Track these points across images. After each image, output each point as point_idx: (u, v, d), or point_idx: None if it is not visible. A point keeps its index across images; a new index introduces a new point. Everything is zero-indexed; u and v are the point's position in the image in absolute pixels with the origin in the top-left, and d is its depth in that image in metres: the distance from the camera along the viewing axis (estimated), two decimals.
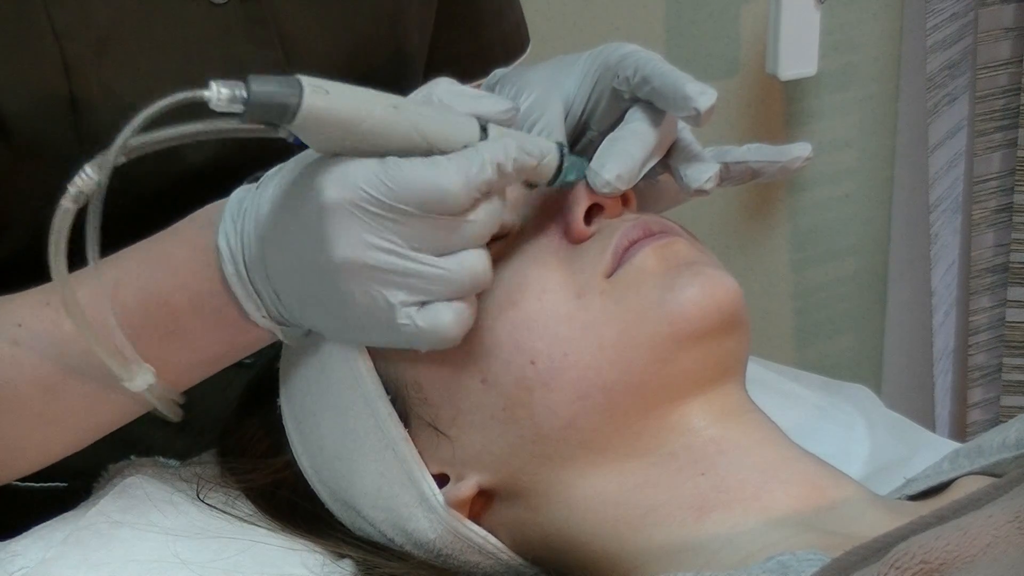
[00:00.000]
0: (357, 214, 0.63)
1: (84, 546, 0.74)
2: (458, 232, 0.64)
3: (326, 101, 0.61)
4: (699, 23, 1.59)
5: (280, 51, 0.81)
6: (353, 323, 0.67)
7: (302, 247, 0.65)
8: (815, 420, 1.04)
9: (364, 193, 0.62)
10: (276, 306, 0.69)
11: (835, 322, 1.83)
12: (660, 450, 0.69)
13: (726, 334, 0.70)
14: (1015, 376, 1.84)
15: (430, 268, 0.64)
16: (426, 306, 0.65)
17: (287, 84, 0.60)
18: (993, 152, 1.79)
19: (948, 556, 0.52)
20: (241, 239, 0.68)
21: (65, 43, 0.74)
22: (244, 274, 0.68)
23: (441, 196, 0.62)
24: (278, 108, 0.60)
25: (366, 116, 0.62)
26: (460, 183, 0.63)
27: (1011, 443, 0.70)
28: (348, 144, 0.63)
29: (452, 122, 0.65)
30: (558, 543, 0.71)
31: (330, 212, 0.63)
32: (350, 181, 0.63)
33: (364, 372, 0.72)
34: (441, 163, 0.63)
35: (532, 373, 0.68)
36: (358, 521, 0.75)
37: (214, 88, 0.59)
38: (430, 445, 0.72)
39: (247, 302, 0.69)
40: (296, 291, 0.68)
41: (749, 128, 1.66)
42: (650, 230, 0.71)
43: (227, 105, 0.59)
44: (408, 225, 0.63)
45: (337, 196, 0.63)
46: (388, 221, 0.63)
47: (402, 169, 0.63)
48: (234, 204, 0.69)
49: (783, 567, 0.58)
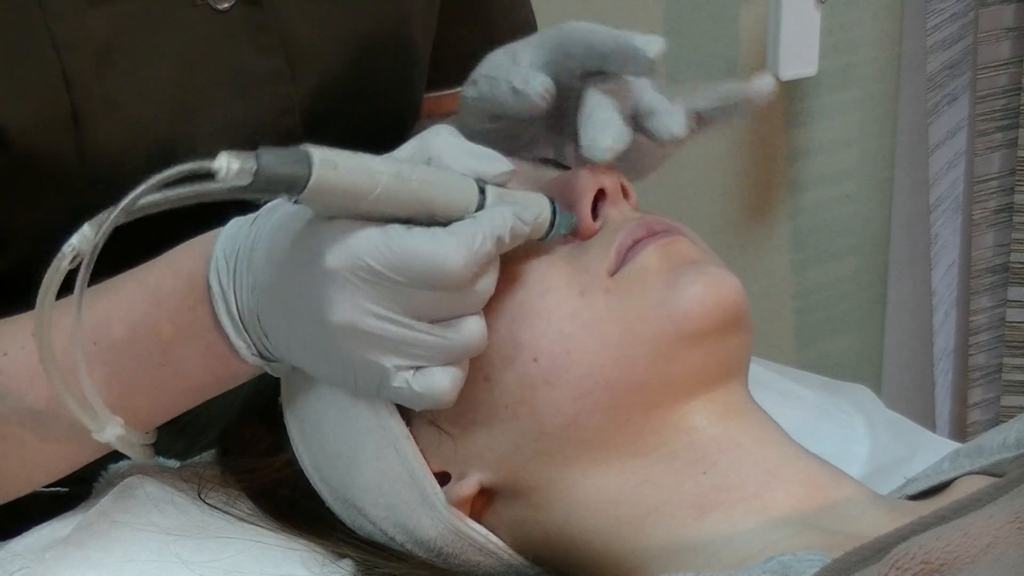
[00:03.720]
0: (356, 282, 0.63)
1: (84, 546, 0.74)
2: (457, 303, 0.65)
3: (335, 175, 0.61)
4: (699, 23, 1.58)
5: (283, 57, 0.81)
6: (345, 380, 0.68)
7: (299, 307, 0.65)
8: (815, 420, 1.04)
9: (365, 263, 0.63)
10: (265, 346, 0.69)
11: (835, 322, 1.83)
12: (662, 449, 0.69)
13: (729, 333, 0.70)
14: (1015, 376, 1.84)
15: (427, 336, 0.64)
16: (421, 371, 0.66)
17: (297, 158, 0.60)
18: (993, 152, 1.79)
19: (949, 556, 0.52)
20: (233, 280, 0.68)
21: (65, 56, 0.74)
22: (236, 315, 0.68)
23: (443, 273, 0.63)
24: (287, 183, 0.60)
25: (372, 188, 0.62)
26: (462, 260, 0.63)
27: (1011, 443, 0.70)
28: (349, 212, 0.63)
29: (453, 188, 0.65)
30: (559, 542, 0.71)
31: (330, 278, 0.63)
32: (352, 250, 0.63)
33: None
34: (442, 238, 0.63)
35: (535, 371, 0.68)
36: (359, 519, 0.75)
37: (224, 160, 0.58)
38: (432, 443, 0.72)
39: (237, 340, 0.69)
40: (288, 341, 0.68)
41: (749, 128, 1.66)
42: (653, 229, 0.71)
43: (235, 178, 0.59)
44: (407, 295, 0.63)
45: (338, 263, 0.63)
46: (387, 290, 0.63)
47: (404, 242, 0.63)
48: (227, 241, 0.69)
49: (784, 567, 0.58)
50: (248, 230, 0.68)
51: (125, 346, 0.70)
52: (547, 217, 0.70)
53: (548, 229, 0.70)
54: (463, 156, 0.67)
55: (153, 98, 0.77)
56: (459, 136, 0.68)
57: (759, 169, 1.69)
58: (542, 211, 0.69)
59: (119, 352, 0.70)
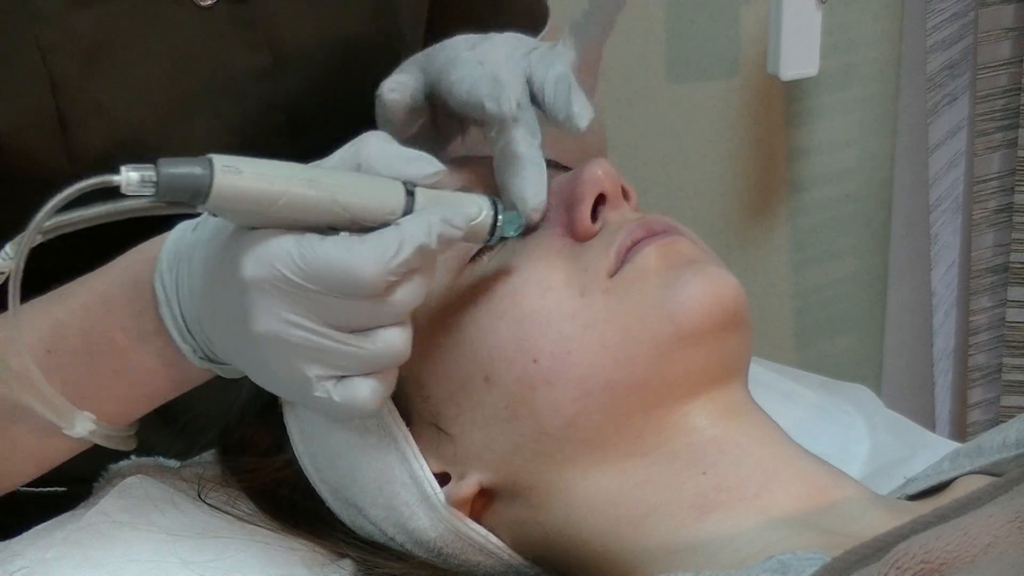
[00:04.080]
0: (273, 292, 0.62)
1: (84, 546, 0.74)
2: (374, 312, 0.64)
3: (238, 181, 0.60)
4: (699, 23, 1.58)
5: (269, 53, 0.81)
6: (276, 388, 0.68)
7: (228, 314, 0.65)
8: (815, 420, 1.04)
9: (279, 272, 0.62)
10: (212, 349, 0.69)
11: (835, 322, 1.83)
12: (661, 449, 0.69)
13: (728, 333, 0.70)
14: (1015, 376, 1.84)
15: (344, 347, 0.64)
16: (343, 380, 0.65)
17: (198, 165, 0.60)
18: (993, 152, 1.78)
19: (949, 556, 0.52)
20: (176, 287, 0.68)
21: (50, 59, 0.74)
22: (180, 320, 0.68)
23: (355, 281, 0.62)
24: (189, 190, 0.60)
25: (281, 193, 0.62)
26: (373, 269, 0.62)
27: (1011, 443, 0.70)
28: (265, 219, 0.62)
29: (375, 192, 0.64)
30: (559, 542, 0.71)
31: (249, 287, 0.63)
32: (266, 259, 0.62)
33: None
34: (355, 247, 0.62)
35: (535, 371, 0.68)
36: (359, 519, 0.75)
37: (124, 173, 0.59)
38: (432, 443, 0.72)
39: (183, 345, 0.69)
40: (226, 348, 0.68)
41: (749, 128, 1.66)
42: (653, 229, 0.71)
43: (138, 189, 0.59)
44: (323, 304, 0.63)
45: (254, 273, 0.62)
46: (304, 299, 0.62)
47: (316, 250, 0.62)
48: (171, 247, 0.69)
49: (783, 566, 0.58)
50: (191, 236, 0.68)
51: (80, 353, 0.70)
52: (487, 218, 0.68)
53: (491, 230, 0.68)
54: (392, 160, 0.66)
55: (140, 98, 0.77)
56: (391, 141, 0.67)
57: (759, 169, 1.69)
58: (480, 212, 0.68)
59: (75, 359, 0.70)
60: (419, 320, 0.72)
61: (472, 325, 0.70)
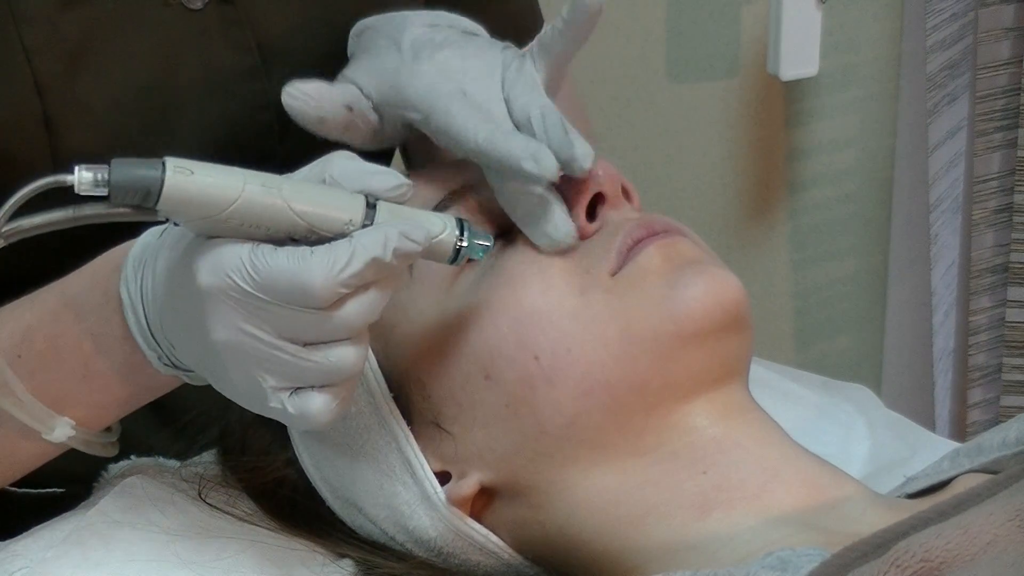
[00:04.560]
0: (228, 301, 0.62)
1: (84, 546, 0.74)
2: (325, 326, 0.63)
3: (189, 182, 0.60)
4: (699, 23, 1.58)
5: (257, 55, 0.81)
6: (235, 396, 0.67)
7: (188, 321, 0.65)
8: (815, 420, 1.04)
9: (231, 281, 0.62)
10: (176, 356, 0.69)
11: (835, 322, 1.83)
12: (662, 449, 0.69)
13: (729, 333, 0.70)
14: (1015, 376, 1.84)
15: (296, 359, 0.63)
16: (298, 392, 0.64)
17: (150, 166, 0.60)
18: (993, 152, 1.78)
19: (948, 555, 0.52)
20: (141, 293, 0.68)
21: (36, 61, 0.74)
22: (145, 326, 0.68)
23: (302, 292, 0.61)
24: (140, 190, 0.60)
25: (234, 196, 0.61)
26: (321, 280, 0.61)
27: (1011, 441, 0.70)
28: (221, 226, 0.62)
29: (333, 202, 0.63)
30: (559, 542, 0.71)
31: (205, 296, 0.62)
32: (220, 268, 0.62)
33: (367, 369, 0.72)
34: (306, 257, 0.61)
35: (535, 369, 0.68)
36: (359, 519, 0.75)
37: (77, 173, 0.59)
38: (432, 442, 0.72)
39: (148, 352, 0.69)
40: (189, 355, 0.68)
41: (749, 128, 1.66)
42: (654, 229, 0.71)
43: (91, 188, 0.59)
44: (276, 315, 0.62)
45: (209, 282, 0.62)
46: (257, 310, 0.62)
47: (267, 260, 0.61)
48: (137, 253, 0.68)
49: (783, 562, 0.58)
50: (156, 241, 0.68)
51: (49, 359, 0.70)
52: (449, 237, 0.66)
53: (455, 252, 0.67)
54: (356, 175, 0.65)
55: (127, 100, 0.77)
56: (356, 158, 0.66)
57: (759, 169, 1.69)
58: (443, 231, 0.66)
59: (43, 364, 0.70)
60: (419, 319, 0.72)
61: (472, 324, 0.70)
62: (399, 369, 0.72)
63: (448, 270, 0.72)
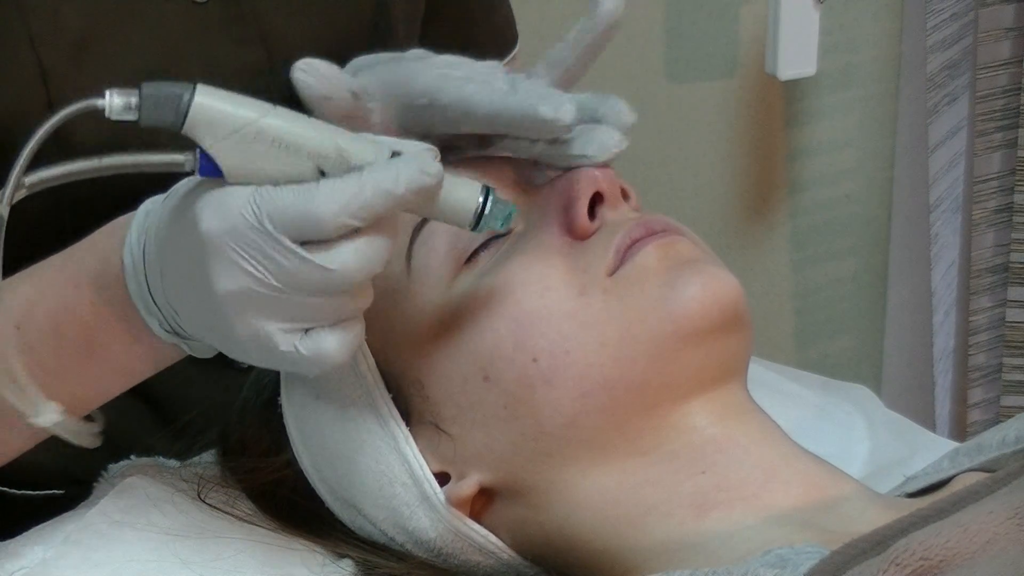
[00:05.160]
0: (232, 244, 0.62)
1: (84, 546, 0.74)
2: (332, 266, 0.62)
3: (219, 96, 0.61)
4: (699, 23, 1.59)
5: (261, 49, 0.81)
6: (242, 352, 0.66)
7: (190, 275, 0.64)
8: (815, 420, 1.04)
9: (237, 220, 0.61)
10: (177, 323, 0.68)
11: (835, 322, 1.83)
12: (661, 449, 0.69)
13: (728, 332, 0.70)
14: (1015, 376, 1.84)
15: (308, 298, 0.62)
16: (309, 333, 0.64)
17: (180, 86, 0.61)
18: (993, 152, 1.78)
19: (948, 553, 0.53)
20: (144, 256, 0.67)
21: (41, 50, 0.74)
22: (146, 291, 0.68)
23: (312, 221, 0.61)
24: (171, 104, 0.60)
25: (264, 111, 0.62)
26: (332, 208, 0.61)
27: (1011, 440, 0.70)
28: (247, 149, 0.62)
29: (357, 142, 0.63)
30: (559, 542, 0.71)
31: (208, 243, 0.62)
32: (224, 209, 0.62)
33: (366, 370, 0.72)
34: (311, 189, 0.61)
35: (534, 370, 0.68)
36: (358, 520, 0.75)
37: (108, 97, 0.60)
38: (431, 443, 0.72)
39: (149, 318, 0.68)
40: (191, 316, 0.67)
41: (748, 128, 1.66)
42: (652, 229, 0.71)
43: (122, 113, 0.60)
44: (282, 252, 0.61)
45: (213, 226, 0.62)
46: (263, 248, 0.61)
47: (272, 195, 0.61)
48: (140, 217, 0.68)
49: (781, 560, 0.59)
50: (159, 207, 0.67)
51: (48, 331, 0.70)
52: (473, 200, 0.66)
53: (477, 218, 0.66)
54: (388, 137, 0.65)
55: None
56: None
57: (759, 169, 1.69)
58: (468, 193, 0.66)
59: (42, 337, 0.70)
60: (418, 320, 0.72)
61: (471, 324, 0.70)
62: (398, 370, 0.72)
63: (447, 270, 0.72)
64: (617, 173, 0.74)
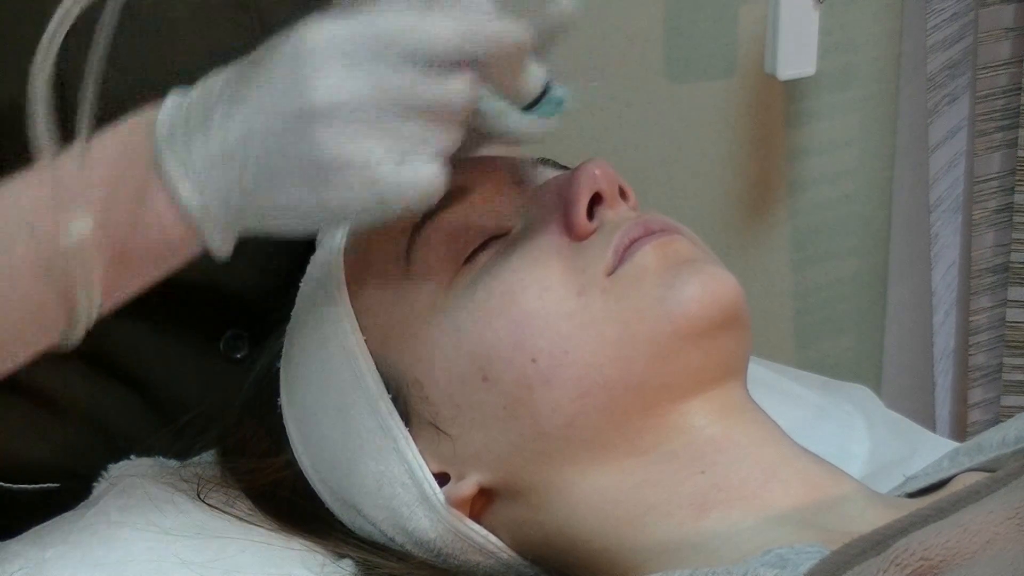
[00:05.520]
0: (344, 54, 0.60)
1: (84, 546, 0.74)
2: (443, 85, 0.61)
3: None
4: (698, 23, 1.58)
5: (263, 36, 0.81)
6: (318, 180, 0.62)
7: (273, 97, 0.62)
8: (815, 420, 1.04)
9: (354, 29, 0.60)
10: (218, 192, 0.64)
11: (835, 322, 1.83)
12: (660, 448, 0.69)
13: (727, 332, 0.70)
14: (1015, 376, 1.84)
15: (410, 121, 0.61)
16: (405, 161, 0.62)
17: None
18: (993, 152, 1.78)
19: (948, 553, 0.53)
20: (186, 109, 0.65)
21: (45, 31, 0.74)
22: (179, 138, 0.64)
23: (428, 40, 0.60)
24: None
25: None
26: (447, 31, 0.60)
27: (1011, 440, 0.70)
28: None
29: None
30: (558, 542, 0.71)
31: (315, 53, 0.61)
32: (335, 25, 0.61)
33: (365, 370, 0.72)
34: (430, 11, 0.60)
35: (533, 371, 0.68)
36: (358, 520, 0.75)
37: None
38: (431, 444, 0.72)
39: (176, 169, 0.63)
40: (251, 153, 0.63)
41: (748, 128, 1.66)
42: (650, 228, 0.71)
43: None
44: (400, 67, 0.60)
45: (322, 37, 0.61)
46: (378, 62, 0.60)
47: (389, 13, 0.60)
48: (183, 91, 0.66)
49: (781, 560, 0.59)
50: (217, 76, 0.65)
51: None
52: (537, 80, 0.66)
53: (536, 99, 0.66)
54: None
55: (130, 75, 0.77)
56: None
57: (759, 169, 1.69)
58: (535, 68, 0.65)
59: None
60: (417, 320, 0.72)
61: (470, 325, 0.70)
62: (397, 370, 0.72)
63: (446, 269, 0.72)
64: (616, 172, 0.74)
